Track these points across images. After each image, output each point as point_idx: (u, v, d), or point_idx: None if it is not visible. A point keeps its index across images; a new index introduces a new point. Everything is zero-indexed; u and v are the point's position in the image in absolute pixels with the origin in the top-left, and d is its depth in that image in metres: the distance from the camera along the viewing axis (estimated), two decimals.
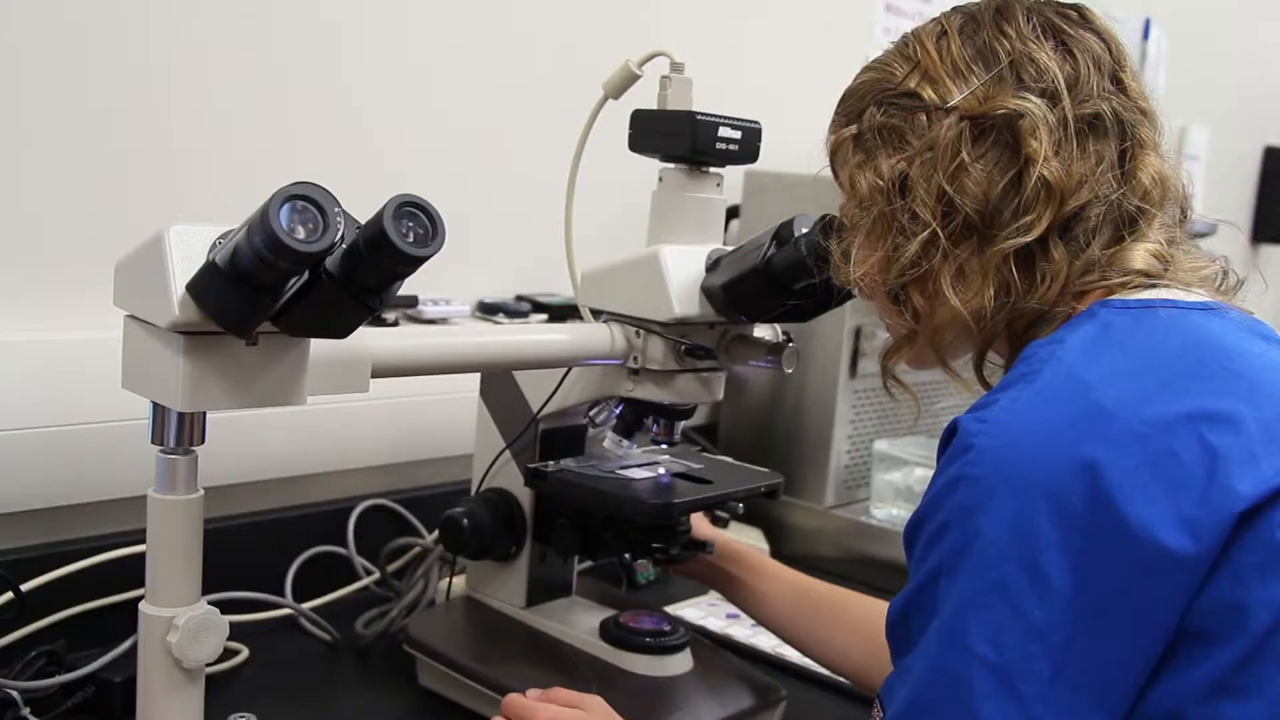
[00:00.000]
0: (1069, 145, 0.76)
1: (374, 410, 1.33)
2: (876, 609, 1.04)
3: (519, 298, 1.49)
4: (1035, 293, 0.76)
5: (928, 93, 0.80)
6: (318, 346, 0.80)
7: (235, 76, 1.22)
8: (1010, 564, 0.66)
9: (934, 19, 0.84)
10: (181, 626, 0.78)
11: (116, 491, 1.13)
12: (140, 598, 1.12)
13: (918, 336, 0.82)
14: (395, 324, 1.33)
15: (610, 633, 1.08)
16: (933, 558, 0.71)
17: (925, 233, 0.78)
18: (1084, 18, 0.81)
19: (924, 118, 0.79)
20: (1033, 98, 0.76)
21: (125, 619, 1.08)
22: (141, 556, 1.11)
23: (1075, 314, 0.76)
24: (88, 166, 1.13)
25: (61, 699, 1.02)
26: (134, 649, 1.05)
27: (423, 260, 0.70)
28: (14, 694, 0.99)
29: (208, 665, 0.83)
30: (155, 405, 0.77)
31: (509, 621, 1.14)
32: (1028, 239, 0.75)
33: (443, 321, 1.37)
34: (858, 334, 1.57)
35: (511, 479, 1.14)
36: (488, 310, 1.44)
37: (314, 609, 1.24)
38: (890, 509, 1.58)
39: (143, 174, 1.17)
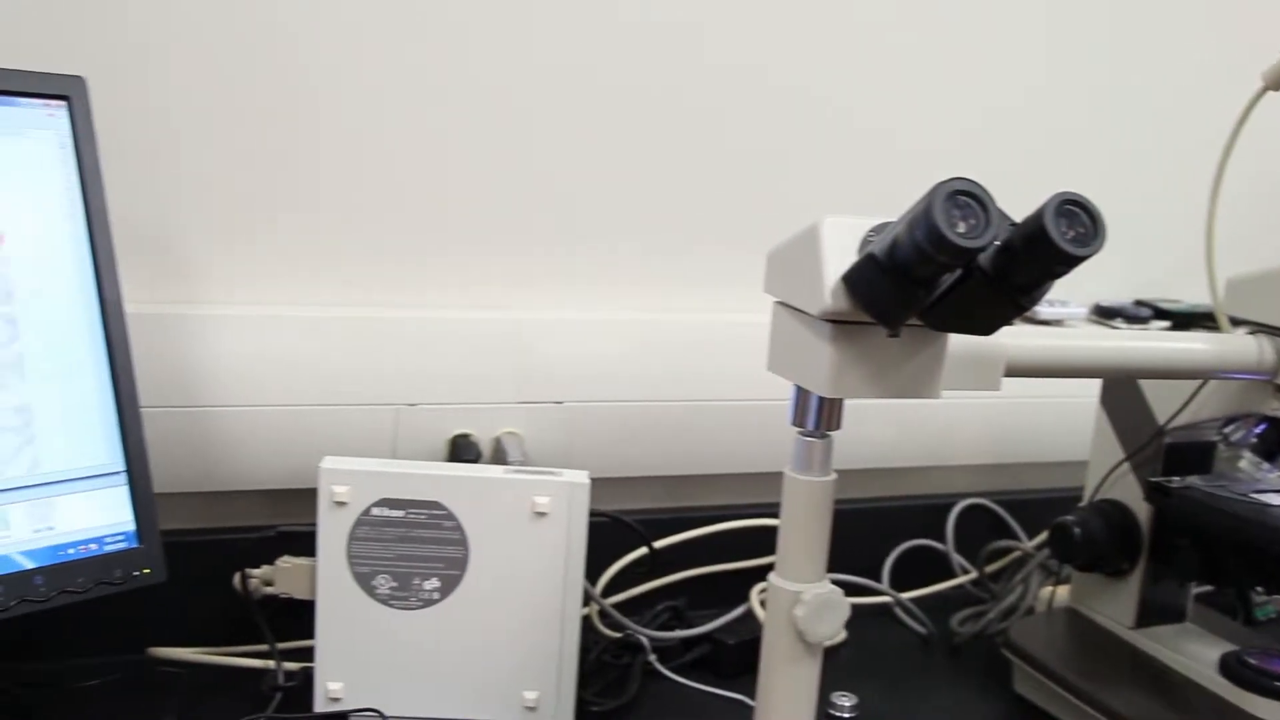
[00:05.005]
0: None
1: (978, 408, 1.32)
2: None
3: (1138, 302, 1.41)
4: None
5: None
6: (954, 342, 0.80)
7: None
8: None
9: None
10: (807, 602, 0.81)
11: (746, 466, 1.20)
12: (754, 568, 1.20)
13: None
14: (1010, 323, 1.31)
15: (1232, 669, 1.00)
16: None
17: None
18: None
19: None
20: None
21: (739, 585, 1.16)
22: (760, 529, 1.19)
23: None
24: (752, 168, 1.22)
25: (681, 651, 1.11)
26: (746, 615, 1.12)
27: (1081, 260, 0.68)
28: (644, 640, 1.09)
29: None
30: (798, 389, 0.81)
31: (1115, 641, 1.09)
32: None
33: (1057, 323, 1.33)
34: None
35: (1129, 492, 1.08)
36: (1105, 314, 1.38)
37: (910, 601, 1.25)
38: None
39: (792, 172, 1.24)
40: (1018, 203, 0.71)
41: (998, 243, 0.70)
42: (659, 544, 1.16)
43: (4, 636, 0.96)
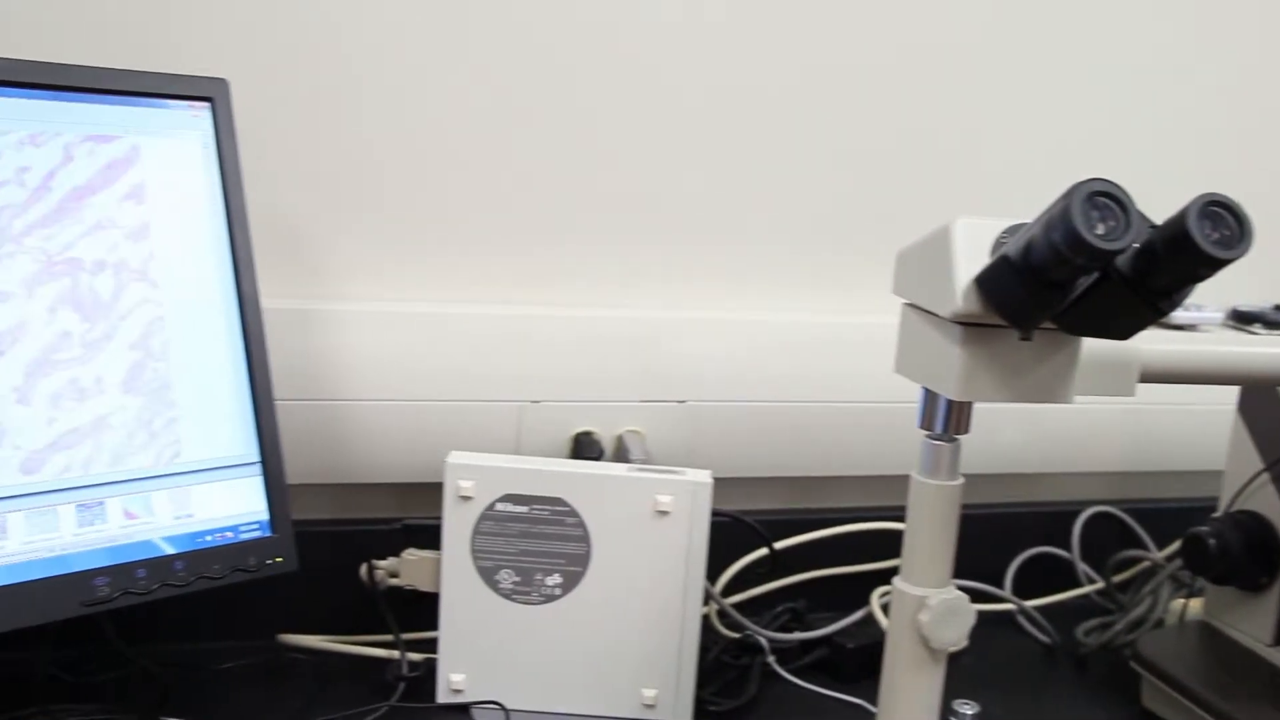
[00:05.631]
0: None
1: (1109, 413, 1.29)
2: None
3: (1278, 307, 1.36)
4: None
5: None
6: (1087, 346, 0.78)
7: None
8: None
9: None
10: (933, 607, 0.80)
11: (870, 468, 1.20)
12: (875, 572, 1.19)
13: None
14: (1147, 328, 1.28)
15: None
16: None
17: None
18: None
19: None
20: None
21: (859, 588, 1.15)
22: (881, 533, 1.18)
23: None
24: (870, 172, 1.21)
25: (800, 653, 1.10)
26: (867, 618, 1.11)
27: (1226, 264, 0.66)
28: (763, 641, 1.09)
29: None
30: (927, 391, 0.80)
31: (1252, 657, 1.05)
32: None
33: (1191, 328, 1.29)
34: None
35: (1268, 503, 1.05)
36: (1242, 319, 1.33)
37: (1034, 609, 1.23)
38: None
39: (926, 177, 1.23)
40: (1156, 204, 0.70)
41: (1137, 245, 0.68)
42: (780, 545, 1.15)
43: (145, 618, 1.00)
